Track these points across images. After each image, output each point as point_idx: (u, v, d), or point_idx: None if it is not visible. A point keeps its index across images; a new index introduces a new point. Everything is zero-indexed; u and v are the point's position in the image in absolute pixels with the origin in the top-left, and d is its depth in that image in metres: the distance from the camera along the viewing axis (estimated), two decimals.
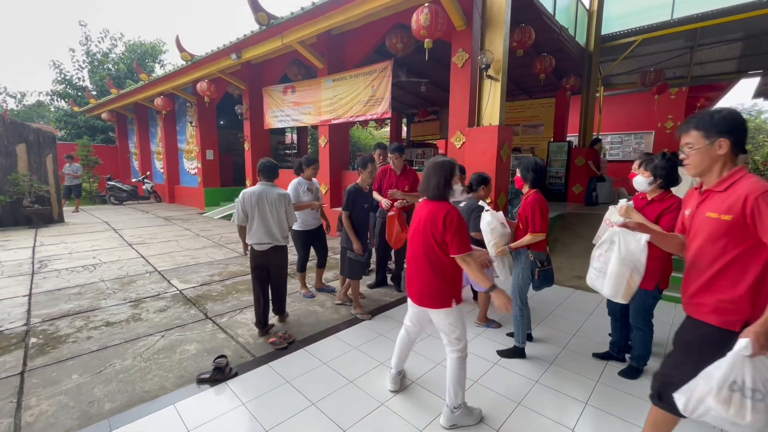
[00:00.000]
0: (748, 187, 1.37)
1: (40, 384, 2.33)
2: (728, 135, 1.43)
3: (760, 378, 1.31)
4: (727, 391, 1.35)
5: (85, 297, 3.87)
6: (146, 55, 18.07)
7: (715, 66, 8.56)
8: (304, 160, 3.82)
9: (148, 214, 10.07)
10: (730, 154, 1.44)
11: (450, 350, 1.97)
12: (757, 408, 1.30)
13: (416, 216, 2.02)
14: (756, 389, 1.31)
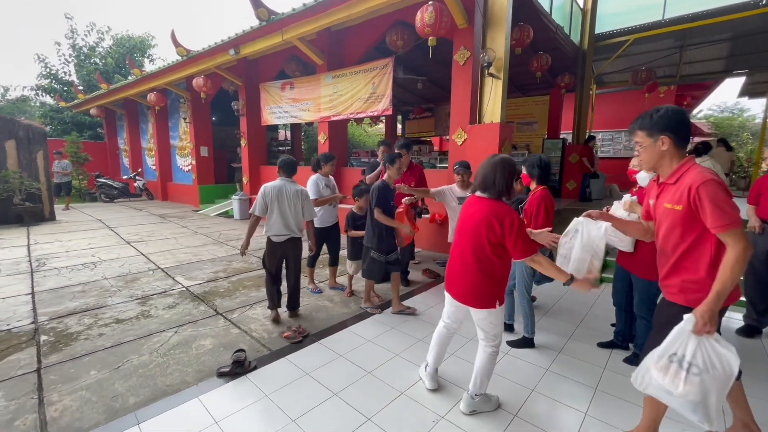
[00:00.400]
0: (691, 179, 1.51)
1: (58, 380, 2.34)
2: (668, 132, 1.56)
3: (701, 355, 1.45)
4: (666, 360, 1.51)
5: (90, 295, 3.84)
6: (135, 49, 17.67)
7: (702, 65, 8.82)
8: (322, 157, 3.88)
9: (142, 212, 9.93)
10: (673, 149, 1.58)
11: (485, 345, 2.01)
12: (690, 380, 1.44)
13: (467, 212, 1.97)
14: (694, 364, 1.45)
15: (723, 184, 1.47)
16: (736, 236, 1.41)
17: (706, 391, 1.45)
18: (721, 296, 1.44)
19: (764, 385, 2.35)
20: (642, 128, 1.64)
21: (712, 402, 1.45)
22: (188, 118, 10.38)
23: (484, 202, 1.89)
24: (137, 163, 14.13)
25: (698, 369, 1.45)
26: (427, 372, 2.29)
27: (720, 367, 1.43)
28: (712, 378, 1.43)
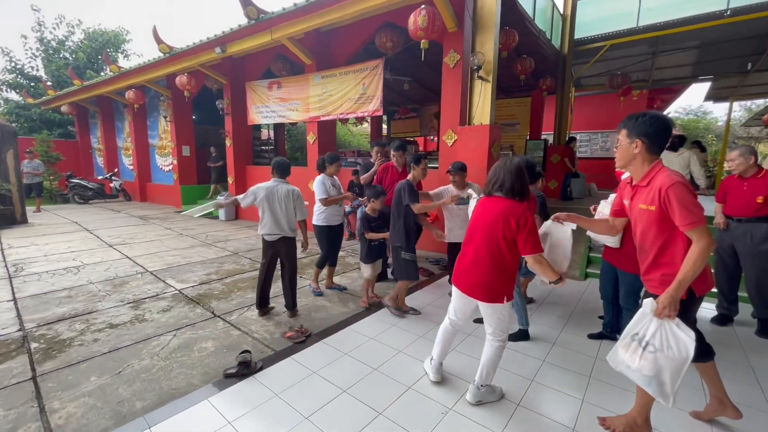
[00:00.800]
0: (660, 181, 1.65)
1: (57, 388, 2.28)
2: (644, 137, 1.70)
3: (659, 336, 1.65)
4: (629, 339, 1.74)
5: (77, 300, 3.72)
6: (108, 44, 16.96)
7: (672, 71, 9.31)
8: (327, 158, 3.88)
9: (121, 213, 9.59)
10: (645, 153, 1.72)
11: (493, 339, 2.09)
12: (645, 357, 1.66)
13: (483, 211, 2.04)
14: (651, 343, 1.66)
15: (689, 185, 1.62)
16: (701, 233, 1.56)
17: (660, 368, 1.63)
18: (682, 285, 1.60)
19: (736, 368, 2.56)
20: (625, 128, 1.78)
21: (665, 379, 1.63)
22: (169, 116, 10.09)
23: (501, 201, 1.98)
24: (113, 162, 13.59)
25: (654, 348, 1.65)
26: (432, 365, 2.37)
27: (675, 348, 1.61)
28: (666, 357, 1.62)
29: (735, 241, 3.11)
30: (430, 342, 2.86)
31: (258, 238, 6.71)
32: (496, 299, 2.00)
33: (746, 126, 15.29)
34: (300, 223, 3.31)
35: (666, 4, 6.84)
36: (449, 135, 5.27)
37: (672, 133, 1.74)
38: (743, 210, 3.04)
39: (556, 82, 8.42)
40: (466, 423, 1.99)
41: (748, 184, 3.02)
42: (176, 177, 10.48)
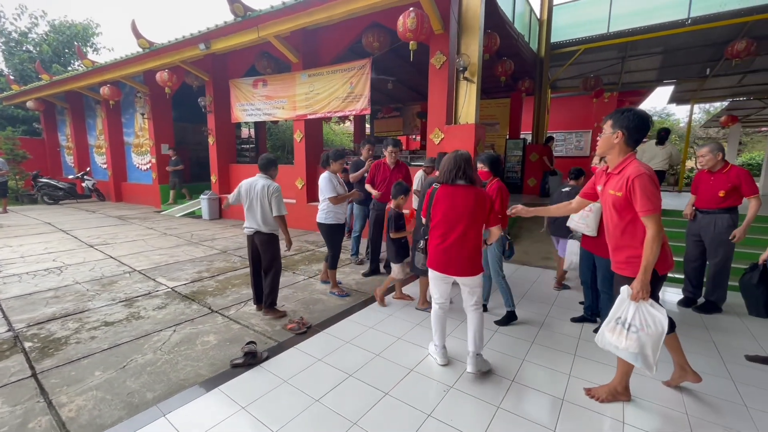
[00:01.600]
0: (630, 171, 1.85)
1: (62, 383, 2.27)
2: (624, 129, 1.89)
3: (638, 317, 1.88)
4: (614, 323, 1.97)
5: (65, 300, 3.64)
6: (76, 37, 16.18)
7: (640, 75, 9.90)
8: (332, 154, 3.81)
9: (96, 214, 9.26)
10: (623, 144, 1.92)
11: (474, 309, 2.38)
12: (630, 337, 1.89)
13: (457, 200, 2.27)
14: (633, 324, 1.89)
15: (654, 178, 1.82)
16: (653, 220, 1.78)
17: (643, 344, 1.87)
18: (647, 269, 1.82)
19: (698, 343, 2.85)
20: (611, 119, 1.97)
21: (648, 353, 1.87)
22: (147, 113, 9.80)
23: (470, 189, 2.29)
24: (84, 161, 13.03)
25: (635, 328, 1.88)
26: (437, 350, 2.52)
27: (653, 325, 1.85)
28: (647, 335, 1.86)
29: (701, 231, 3.43)
30: (426, 329, 3.02)
31: (245, 236, 6.70)
32: (479, 270, 2.34)
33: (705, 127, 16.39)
34: (278, 220, 3.20)
35: (634, 11, 7.30)
36: (436, 134, 5.45)
37: (649, 131, 1.94)
38: (709, 202, 3.35)
39: (534, 84, 8.79)
40: (467, 398, 2.15)
41: (715, 178, 3.32)
42: (155, 176, 10.19)
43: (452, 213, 2.30)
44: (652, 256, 1.79)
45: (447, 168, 2.34)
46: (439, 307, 2.50)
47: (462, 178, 2.29)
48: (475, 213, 2.27)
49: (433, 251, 2.38)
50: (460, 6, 5.04)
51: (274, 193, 3.17)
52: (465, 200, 2.27)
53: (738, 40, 6.38)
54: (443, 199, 2.32)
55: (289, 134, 17.65)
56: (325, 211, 3.73)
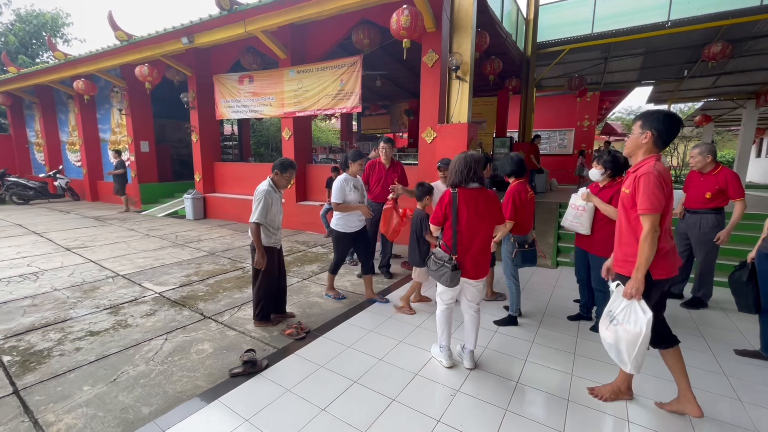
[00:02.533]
0: (642, 169, 1.85)
1: (48, 400, 2.13)
2: (654, 130, 1.86)
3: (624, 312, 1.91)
4: (605, 316, 2.02)
5: (44, 308, 3.44)
6: (45, 27, 15.32)
7: (621, 75, 10.18)
8: (351, 155, 3.54)
9: (72, 215, 8.83)
10: (650, 145, 1.89)
11: (474, 309, 2.45)
12: (609, 328, 1.96)
13: (478, 205, 2.30)
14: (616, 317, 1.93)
15: (660, 178, 1.79)
16: (647, 220, 1.79)
17: (618, 338, 1.90)
18: (639, 268, 1.82)
19: (689, 339, 2.94)
20: (641, 119, 1.92)
21: (622, 348, 1.90)
22: (125, 109, 9.38)
23: (483, 191, 2.35)
24: (56, 159, 12.40)
25: (617, 321, 1.92)
26: (443, 352, 2.50)
27: (633, 323, 1.86)
28: (624, 330, 1.88)
29: (688, 229, 3.54)
30: (426, 331, 3.01)
31: (233, 236, 6.53)
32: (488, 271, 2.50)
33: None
34: (251, 227, 2.87)
35: (617, 13, 7.47)
36: (428, 132, 5.43)
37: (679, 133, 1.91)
38: (696, 202, 3.46)
39: (520, 83, 8.89)
40: (475, 402, 2.14)
41: (704, 179, 3.41)
42: (134, 174, 9.78)
43: (476, 218, 2.31)
44: (643, 256, 1.80)
45: (458, 169, 2.32)
46: (447, 307, 2.49)
47: (475, 180, 2.31)
48: (492, 216, 2.36)
49: (467, 258, 2.33)
50: (452, 4, 5.02)
51: (257, 195, 2.87)
52: (485, 204, 2.32)
53: (714, 42, 6.62)
54: (465, 204, 2.29)
55: (273, 131, 17.31)
56: (336, 216, 3.53)
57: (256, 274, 3.01)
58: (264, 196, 2.86)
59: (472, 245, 2.33)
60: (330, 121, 15.91)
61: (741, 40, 7.09)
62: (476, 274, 2.36)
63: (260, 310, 3.06)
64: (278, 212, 3.01)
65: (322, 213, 6.51)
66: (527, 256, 3.15)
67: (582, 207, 3.01)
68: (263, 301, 3.04)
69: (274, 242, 3.01)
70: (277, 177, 2.98)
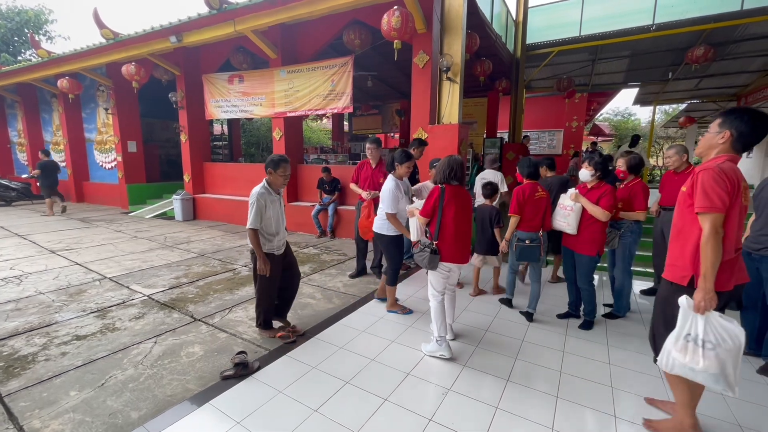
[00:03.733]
0: (701, 166, 1.70)
1: (33, 406, 2.09)
2: (735, 131, 1.66)
3: (711, 332, 1.61)
4: (683, 341, 1.67)
5: (28, 312, 3.36)
6: (27, 24, 14.95)
7: (608, 77, 10.36)
8: (399, 156, 3.22)
9: (56, 216, 8.62)
10: (728, 146, 1.68)
11: (452, 290, 2.85)
12: (707, 355, 1.61)
13: (461, 200, 2.61)
14: (707, 340, 1.61)
15: (722, 174, 1.60)
16: (707, 219, 1.60)
17: (723, 362, 1.59)
18: (705, 276, 1.58)
19: None
20: (720, 118, 1.72)
21: (729, 372, 1.59)
22: (111, 108, 9.21)
23: (460, 188, 2.65)
24: (39, 159, 12.08)
25: (711, 344, 1.60)
26: (443, 344, 2.61)
27: (729, 339, 1.58)
28: (725, 350, 1.58)
29: (664, 227, 3.62)
30: (418, 331, 3.03)
31: (223, 238, 6.47)
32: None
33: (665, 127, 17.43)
34: (248, 233, 2.71)
35: (604, 16, 7.60)
36: (420, 133, 5.45)
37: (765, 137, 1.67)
38: (671, 200, 3.55)
39: (510, 84, 8.99)
40: (466, 400, 2.17)
41: (678, 178, 3.52)
42: (121, 175, 9.62)
43: (461, 209, 2.61)
44: (707, 261, 1.56)
45: (441, 169, 2.64)
46: (439, 300, 2.68)
47: (455, 179, 2.61)
48: (469, 207, 2.71)
49: (451, 245, 2.59)
50: (442, 6, 5.06)
51: (250, 199, 2.68)
52: (464, 199, 2.65)
53: (697, 46, 6.79)
54: (454, 197, 2.59)
55: (263, 131, 17.18)
56: (382, 219, 3.28)
57: (255, 281, 2.88)
58: (257, 200, 2.65)
59: (460, 232, 2.60)
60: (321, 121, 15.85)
61: (723, 44, 7.29)
62: (465, 258, 2.65)
63: (260, 317, 2.92)
64: (277, 216, 2.79)
65: (314, 214, 6.50)
66: (525, 251, 3.22)
67: (570, 207, 3.06)
68: (262, 307, 2.89)
69: (270, 249, 2.77)
70: (272, 176, 2.76)
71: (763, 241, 2.51)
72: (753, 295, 2.62)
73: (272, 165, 2.75)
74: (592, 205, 2.92)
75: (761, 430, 1.97)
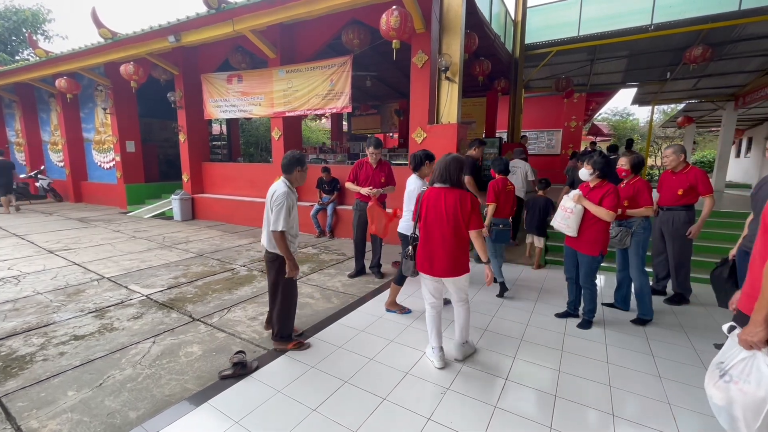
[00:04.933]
0: None
1: (30, 406, 2.08)
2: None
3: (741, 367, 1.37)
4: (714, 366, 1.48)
5: (26, 312, 3.35)
6: (25, 23, 14.90)
7: (606, 77, 10.38)
8: (423, 154, 3.27)
9: (54, 216, 8.61)
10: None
11: (461, 305, 2.54)
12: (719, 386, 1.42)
13: (438, 202, 2.37)
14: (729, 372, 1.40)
15: None
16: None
17: (731, 399, 1.37)
18: (760, 308, 1.29)
19: (673, 334, 3.03)
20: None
21: (737, 414, 1.36)
22: (109, 108, 9.18)
23: (451, 191, 2.37)
24: (37, 159, 12.09)
25: (730, 377, 1.39)
26: (435, 353, 2.51)
27: (755, 383, 1.31)
28: (740, 390, 1.35)
29: (662, 226, 3.64)
30: (417, 330, 3.03)
31: (221, 237, 6.46)
32: (465, 271, 2.41)
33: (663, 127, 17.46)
34: (273, 236, 2.53)
35: (602, 16, 7.62)
36: (419, 133, 5.46)
37: None
38: (669, 200, 3.58)
39: (509, 84, 8.99)
40: (464, 399, 2.17)
41: (676, 177, 3.54)
42: (119, 175, 9.59)
43: (433, 213, 2.40)
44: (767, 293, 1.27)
45: (434, 169, 2.49)
46: (431, 307, 2.55)
47: (445, 180, 2.40)
48: (455, 213, 2.34)
49: (420, 252, 2.47)
50: (441, 5, 5.06)
51: (277, 200, 2.51)
52: (446, 201, 2.36)
53: (695, 46, 6.81)
54: (427, 200, 2.44)
55: (263, 131, 17.17)
56: (408, 220, 3.27)
57: (276, 287, 2.68)
58: (285, 199, 2.50)
59: (430, 239, 2.42)
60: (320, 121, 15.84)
61: (720, 44, 7.30)
62: (439, 270, 2.39)
63: (285, 329, 2.72)
64: (296, 216, 2.71)
65: (313, 213, 6.50)
66: (500, 234, 3.88)
67: (570, 209, 3.04)
68: (290, 318, 2.75)
69: (294, 251, 2.67)
70: (299, 174, 2.64)
71: None
72: None
73: (300, 163, 2.64)
74: (596, 206, 2.89)
75: None
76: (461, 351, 2.58)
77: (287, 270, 2.60)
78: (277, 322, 2.71)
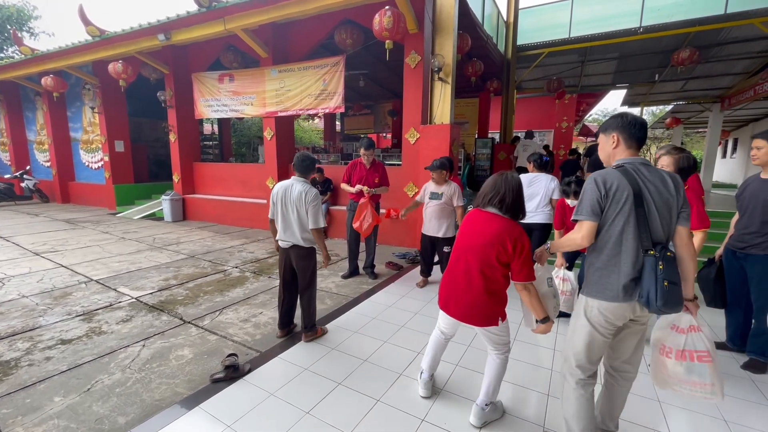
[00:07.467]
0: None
1: (16, 413, 2.03)
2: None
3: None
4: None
5: (11, 316, 3.27)
6: (9, 20, 14.56)
7: (596, 78, 10.52)
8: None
9: (40, 217, 8.43)
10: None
11: (496, 354, 1.96)
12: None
13: (475, 228, 1.86)
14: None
15: None
16: None
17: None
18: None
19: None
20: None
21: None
22: (97, 107, 9.02)
23: (497, 219, 1.81)
24: (22, 159, 11.83)
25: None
26: (421, 379, 2.21)
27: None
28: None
29: None
30: (411, 332, 3.03)
31: (213, 238, 6.39)
32: (490, 323, 1.86)
33: (652, 128, 17.75)
34: (314, 233, 2.79)
35: (593, 18, 7.71)
36: (412, 133, 5.46)
37: None
38: None
39: (501, 85, 9.05)
40: (458, 399, 2.17)
41: None
42: (108, 175, 9.43)
43: (464, 244, 1.90)
44: None
45: (484, 190, 1.92)
46: (441, 333, 2.17)
47: (495, 205, 1.84)
48: (487, 250, 1.78)
49: (442, 282, 2.03)
50: (434, 6, 5.08)
51: (312, 201, 2.72)
52: (483, 231, 1.81)
53: (683, 48, 6.93)
54: (465, 222, 1.96)
55: (255, 131, 17.02)
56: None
57: (313, 279, 2.89)
58: (319, 200, 2.81)
59: (453, 270, 1.95)
60: (313, 121, 15.77)
61: (707, 47, 7.45)
62: (456, 311, 1.92)
63: (314, 318, 2.91)
64: None
65: None
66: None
67: (568, 292, 2.98)
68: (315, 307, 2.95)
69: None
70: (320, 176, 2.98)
71: (746, 240, 2.56)
72: (737, 292, 2.67)
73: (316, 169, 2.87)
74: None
75: (746, 424, 2.01)
76: (481, 415, 1.93)
77: (324, 261, 2.98)
78: (311, 313, 2.88)
